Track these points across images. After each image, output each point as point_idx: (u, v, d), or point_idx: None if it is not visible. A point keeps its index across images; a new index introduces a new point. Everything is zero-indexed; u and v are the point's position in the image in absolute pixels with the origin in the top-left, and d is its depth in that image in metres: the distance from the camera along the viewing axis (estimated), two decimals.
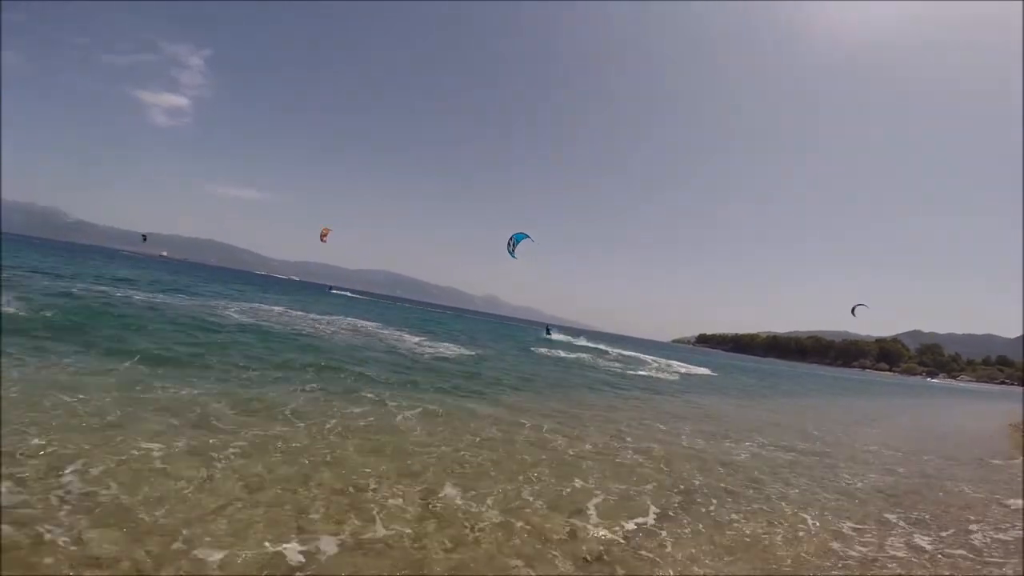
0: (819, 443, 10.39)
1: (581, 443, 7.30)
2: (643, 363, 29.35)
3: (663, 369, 26.34)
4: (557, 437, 7.45)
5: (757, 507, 5.49)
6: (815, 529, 5.02)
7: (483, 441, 6.64)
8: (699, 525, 4.70)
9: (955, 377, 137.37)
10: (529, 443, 6.89)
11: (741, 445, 8.86)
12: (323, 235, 30.80)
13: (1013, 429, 17.08)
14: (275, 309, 23.12)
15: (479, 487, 4.90)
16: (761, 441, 9.56)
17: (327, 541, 3.48)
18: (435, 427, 6.98)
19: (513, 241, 19.30)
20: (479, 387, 11.11)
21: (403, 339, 19.75)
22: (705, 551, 4.14)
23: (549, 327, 53.16)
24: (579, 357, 25.63)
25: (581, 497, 5.04)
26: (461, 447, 6.18)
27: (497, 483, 5.09)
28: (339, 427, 6.25)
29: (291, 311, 23.62)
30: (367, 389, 8.77)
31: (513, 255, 19.35)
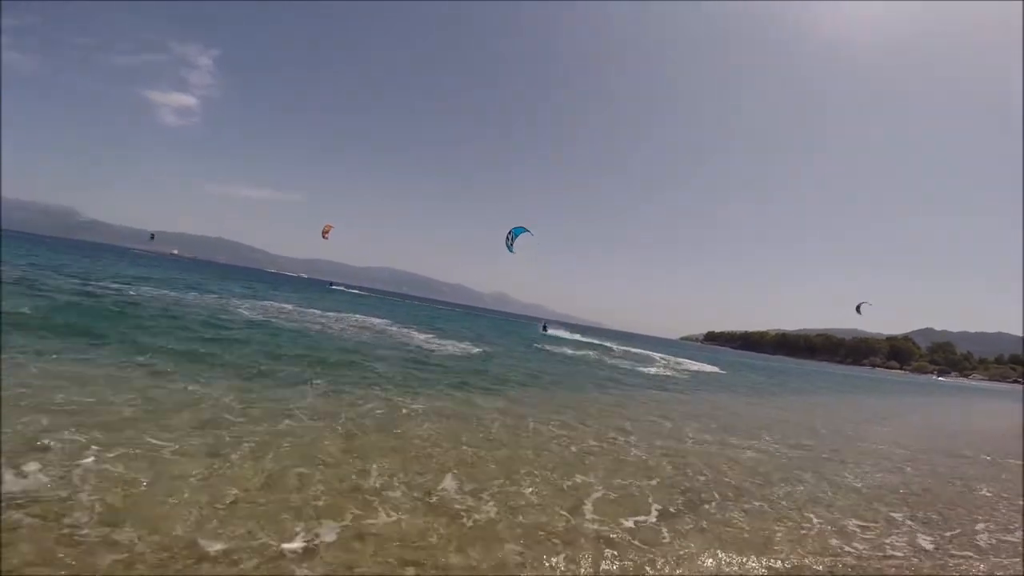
0: (828, 441, 10.34)
1: (586, 439, 7.34)
2: (651, 360, 29.32)
3: (671, 366, 26.31)
4: (562, 433, 7.50)
5: (761, 505, 5.50)
6: (819, 527, 5.02)
7: (489, 437, 6.72)
8: (702, 522, 4.72)
9: (967, 376, 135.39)
10: (534, 439, 6.95)
11: (749, 443, 8.85)
12: (325, 232, 31.08)
13: None
14: (286, 307, 23.40)
15: (483, 482, 4.96)
16: (769, 439, 9.53)
17: (331, 533, 3.56)
18: (442, 423, 7.06)
19: (512, 235, 19.14)
20: (486, 383, 11.19)
21: (411, 336, 19.90)
22: (707, 548, 4.17)
23: (546, 323, 52.71)
24: (586, 355, 25.65)
25: (584, 493, 5.08)
26: (467, 442, 6.25)
27: (500, 478, 5.15)
28: (348, 423, 6.35)
29: (301, 308, 23.89)
30: (375, 385, 8.89)
31: (511, 249, 19.18)
